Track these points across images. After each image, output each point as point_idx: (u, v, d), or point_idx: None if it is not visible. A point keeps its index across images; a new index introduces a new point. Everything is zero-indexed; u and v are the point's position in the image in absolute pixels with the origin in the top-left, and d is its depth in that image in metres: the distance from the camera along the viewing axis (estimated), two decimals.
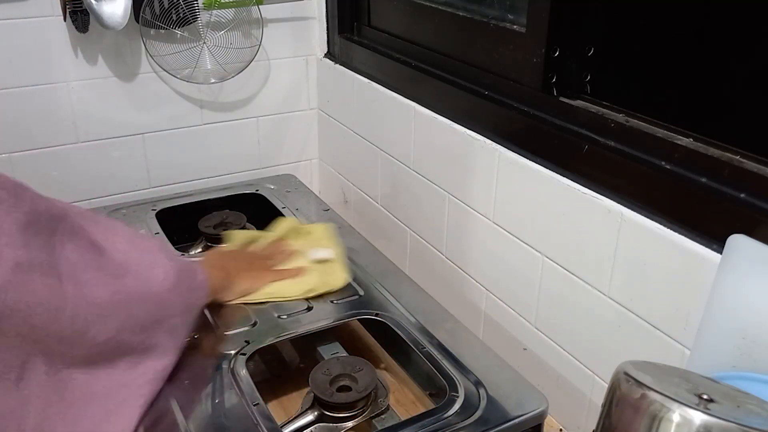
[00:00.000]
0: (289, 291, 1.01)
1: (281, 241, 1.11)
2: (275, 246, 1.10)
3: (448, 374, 0.88)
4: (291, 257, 1.07)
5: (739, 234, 0.69)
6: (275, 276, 1.03)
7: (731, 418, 0.52)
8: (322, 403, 0.87)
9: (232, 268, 1.00)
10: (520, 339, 1.05)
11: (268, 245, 1.10)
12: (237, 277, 0.99)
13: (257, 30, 1.36)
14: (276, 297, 1.01)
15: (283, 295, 1.01)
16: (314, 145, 1.57)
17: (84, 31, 1.23)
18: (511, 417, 0.81)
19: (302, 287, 1.02)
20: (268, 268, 1.04)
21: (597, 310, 0.89)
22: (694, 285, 0.76)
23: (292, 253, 1.08)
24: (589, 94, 0.92)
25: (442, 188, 1.16)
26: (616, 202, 0.84)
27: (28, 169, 1.29)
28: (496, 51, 1.02)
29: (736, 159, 0.73)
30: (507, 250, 1.03)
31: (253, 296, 1.00)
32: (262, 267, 1.04)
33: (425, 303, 1.03)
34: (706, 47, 0.93)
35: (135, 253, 0.81)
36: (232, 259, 1.04)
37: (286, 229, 1.15)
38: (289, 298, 1.01)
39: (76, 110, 1.30)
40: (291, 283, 1.03)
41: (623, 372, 0.58)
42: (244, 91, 1.44)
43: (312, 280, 1.03)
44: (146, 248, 0.83)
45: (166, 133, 1.40)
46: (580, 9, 0.89)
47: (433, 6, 1.16)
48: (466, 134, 1.07)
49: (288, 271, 1.05)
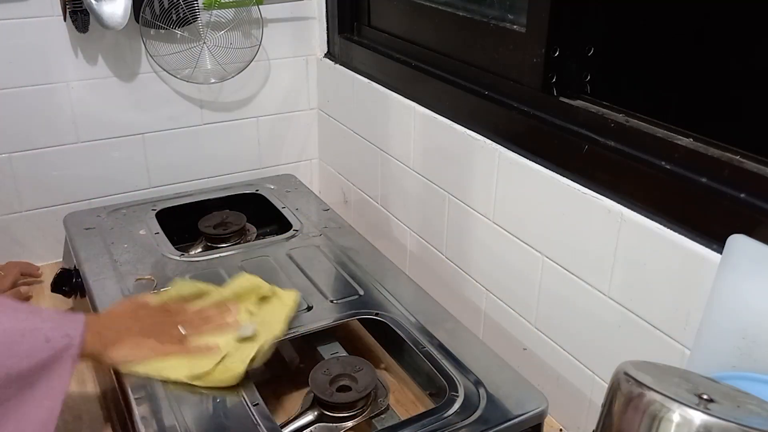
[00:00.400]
0: (174, 371, 0.86)
1: (227, 303, 0.95)
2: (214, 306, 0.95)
3: (448, 374, 0.88)
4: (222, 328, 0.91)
5: (739, 234, 0.69)
6: (170, 349, 0.88)
7: (731, 418, 0.52)
8: (321, 402, 0.87)
9: (122, 328, 0.87)
10: (520, 339, 1.05)
11: (208, 306, 0.95)
12: (120, 341, 0.86)
13: (257, 30, 1.36)
14: (155, 374, 0.85)
15: (164, 375, 0.85)
16: (314, 145, 1.57)
17: (84, 31, 1.23)
18: (511, 416, 0.81)
19: (190, 371, 0.85)
20: (171, 338, 0.89)
21: (597, 310, 0.89)
22: (694, 285, 0.76)
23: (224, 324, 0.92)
24: (589, 94, 0.92)
25: (442, 188, 1.16)
26: (616, 202, 0.84)
27: (28, 169, 1.29)
28: (496, 51, 1.02)
29: (736, 159, 0.73)
30: (507, 250, 1.03)
31: (134, 366, 0.85)
32: (163, 335, 0.89)
33: (425, 303, 1.03)
34: (706, 47, 0.93)
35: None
36: (134, 319, 0.90)
37: (245, 288, 0.98)
38: (169, 379, 0.85)
39: (76, 110, 1.30)
40: (184, 364, 0.86)
41: (623, 372, 0.58)
42: (244, 91, 1.44)
43: (207, 365, 0.86)
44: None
45: (166, 133, 1.40)
46: (580, 9, 0.89)
47: (433, 6, 1.16)
48: (466, 134, 1.07)
49: (191, 346, 0.89)
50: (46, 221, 1.34)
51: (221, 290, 0.98)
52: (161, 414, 0.80)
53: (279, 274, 1.09)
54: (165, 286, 1.04)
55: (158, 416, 0.80)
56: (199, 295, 0.97)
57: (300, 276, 1.08)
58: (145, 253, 1.14)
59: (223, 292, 0.98)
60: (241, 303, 0.95)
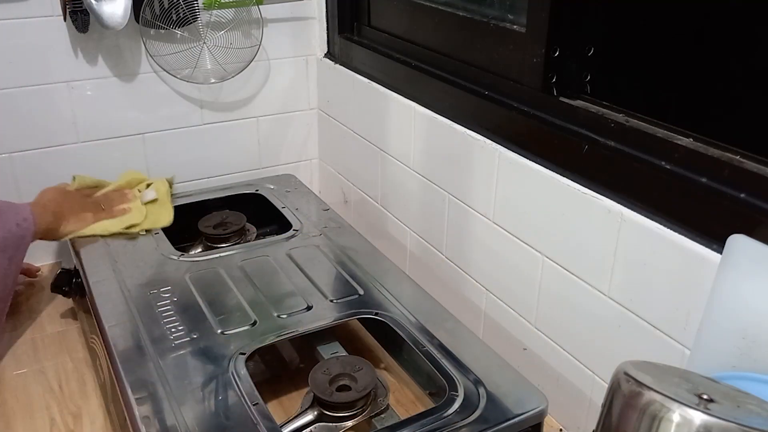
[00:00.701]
0: (112, 227, 1.18)
1: (121, 188, 1.28)
2: (113, 191, 1.27)
3: (447, 373, 0.88)
4: (125, 200, 1.25)
5: (739, 234, 0.69)
6: (102, 215, 1.19)
7: (731, 418, 0.52)
8: (321, 402, 0.87)
9: (63, 209, 1.16)
10: (520, 339, 1.05)
11: (108, 191, 1.27)
12: (65, 218, 1.16)
13: (257, 30, 1.36)
14: (99, 232, 1.17)
15: (107, 231, 1.17)
16: (314, 145, 1.57)
17: (84, 31, 1.23)
18: (510, 416, 0.81)
19: (125, 223, 1.18)
20: (98, 209, 1.20)
21: (597, 310, 0.89)
22: (694, 285, 0.76)
23: (126, 196, 1.26)
24: (589, 94, 0.92)
25: (442, 188, 1.16)
26: (616, 202, 0.84)
27: (28, 169, 1.30)
28: (496, 51, 1.02)
29: (736, 159, 0.73)
30: (507, 250, 1.03)
31: (80, 232, 1.16)
32: (93, 209, 1.20)
33: (425, 303, 1.03)
34: (705, 47, 0.93)
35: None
36: (65, 200, 1.19)
37: (129, 179, 1.31)
38: (113, 232, 1.17)
39: (76, 110, 1.30)
40: (116, 220, 1.19)
41: (623, 372, 0.58)
42: (244, 91, 1.44)
43: (136, 217, 1.20)
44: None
45: (166, 133, 1.40)
46: (580, 9, 0.89)
47: (433, 6, 1.16)
48: (466, 134, 1.07)
49: (114, 210, 1.21)
50: None
51: (114, 182, 1.30)
52: (162, 414, 0.81)
53: (279, 274, 1.09)
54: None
55: (159, 416, 0.80)
56: (98, 186, 1.29)
57: (300, 276, 1.08)
58: (145, 253, 1.14)
59: (114, 183, 1.30)
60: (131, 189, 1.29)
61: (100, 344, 0.98)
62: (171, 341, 0.92)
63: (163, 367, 0.88)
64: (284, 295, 1.03)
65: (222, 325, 0.96)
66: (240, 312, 0.99)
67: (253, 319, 0.97)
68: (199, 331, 0.94)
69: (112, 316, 0.98)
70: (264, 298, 1.02)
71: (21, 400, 1.01)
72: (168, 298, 1.02)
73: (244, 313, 0.98)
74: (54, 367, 1.08)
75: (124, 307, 1.00)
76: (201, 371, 0.87)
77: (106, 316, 0.98)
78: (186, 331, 0.94)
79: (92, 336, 1.06)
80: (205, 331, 0.94)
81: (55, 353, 1.11)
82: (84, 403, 1.01)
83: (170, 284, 1.05)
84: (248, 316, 0.98)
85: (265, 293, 1.03)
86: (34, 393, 1.02)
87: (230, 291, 1.04)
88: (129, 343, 0.92)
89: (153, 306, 1.00)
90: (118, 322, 0.96)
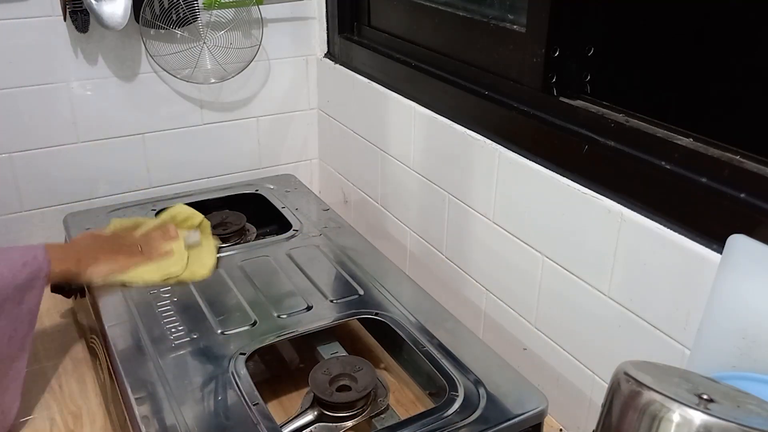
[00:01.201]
0: (148, 275, 1.05)
1: (163, 226, 1.13)
2: (155, 229, 1.12)
3: (447, 373, 0.88)
4: (167, 237, 1.10)
5: (739, 234, 0.69)
6: (138, 259, 1.06)
7: (731, 418, 0.52)
8: (321, 402, 0.87)
9: (90, 251, 1.05)
10: (520, 339, 1.05)
11: (149, 230, 1.12)
12: (93, 260, 1.03)
13: (257, 30, 1.36)
14: (134, 281, 1.04)
15: (143, 280, 1.04)
16: (314, 145, 1.57)
17: (84, 31, 1.23)
18: (510, 416, 0.81)
19: (163, 271, 1.05)
20: (134, 252, 1.07)
21: (597, 310, 0.89)
22: (694, 285, 0.76)
23: (169, 233, 1.11)
24: (589, 94, 0.92)
25: (442, 188, 1.16)
26: (616, 202, 0.84)
27: (28, 169, 1.30)
28: (496, 51, 1.02)
29: (736, 159, 0.73)
30: (507, 250, 1.03)
31: (112, 278, 1.03)
32: (127, 251, 1.07)
33: (425, 303, 1.03)
34: (705, 47, 0.93)
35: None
36: (94, 242, 1.08)
37: (174, 213, 1.17)
38: (148, 282, 1.04)
39: (76, 110, 1.30)
40: (154, 267, 1.06)
41: (623, 372, 0.58)
42: (244, 91, 1.44)
43: (176, 264, 1.06)
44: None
45: (166, 133, 1.40)
46: (580, 9, 0.89)
47: (433, 6, 1.16)
48: (466, 134, 1.07)
49: (153, 253, 1.08)
50: (46, 221, 1.34)
51: (156, 219, 1.17)
52: (162, 414, 0.81)
53: (279, 274, 1.09)
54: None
55: (159, 416, 0.80)
56: (136, 226, 1.14)
57: (300, 276, 1.08)
58: None
59: (161, 218, 1.16)
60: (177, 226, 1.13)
61: (100, 344, 0.98)
62: (171, 341, 0.92)
63: (162, 367, 0.88)
64: (284, 295, 1.03)
65: (222, 325, 0.96)
66: (240, 312, 0.99)
67: (253, 319, 0.97)
68: (199, 331, 0.94)
69: (112, 316, 0.98)
70: (264, 298, 1.02)
71: (21, 400, 1.01)
72: (168, 298, 1.02)
73: (244, 313, 0.98)
74: (54, 367, 1.08)
75: (124, 307, 1.00)
76: (201, 371, 0.87)
77: (106, 316, 0.98)
78: (186, 331, 0.94)
79: (92, 336, 1.06)
80: (205, 331, 0.94)
81: (55, 353, 1.11)
82: (84, 403, 1.01)
83: (170, 284, 1.05)
84: (248, 316, 0.98)
85: (265, 293, 1.03)
86: (34, 393, 1.02)
87: (230, 291, 1.04)
88: (129, 343, 0.92)
89: (153, 306, 1.00)
90: (118, 322, 0.96)
